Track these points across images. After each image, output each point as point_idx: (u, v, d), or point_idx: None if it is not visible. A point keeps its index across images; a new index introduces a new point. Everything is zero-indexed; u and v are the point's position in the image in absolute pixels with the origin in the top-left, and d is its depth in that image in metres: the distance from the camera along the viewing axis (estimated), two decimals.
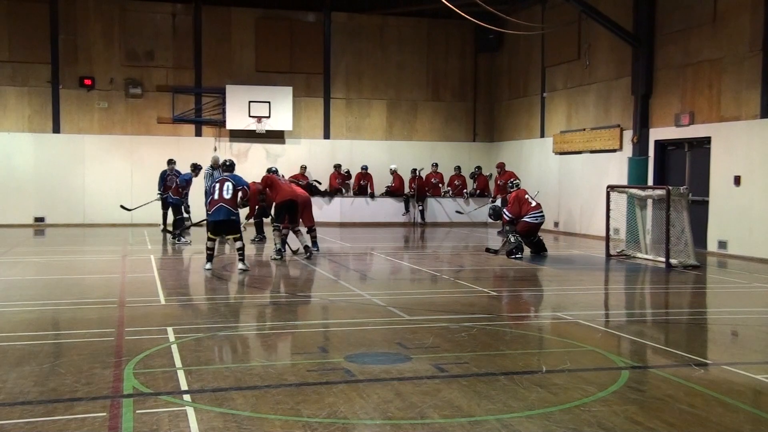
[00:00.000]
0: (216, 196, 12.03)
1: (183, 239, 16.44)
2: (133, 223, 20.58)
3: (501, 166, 21.77)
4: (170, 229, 17.28)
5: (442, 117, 24.86)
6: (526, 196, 15.06)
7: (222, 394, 5.45)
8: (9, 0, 21.07)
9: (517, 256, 14.31)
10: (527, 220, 14.66)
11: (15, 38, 21.14)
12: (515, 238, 14.52)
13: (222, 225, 12.09)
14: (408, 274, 12.84)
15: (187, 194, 17.33)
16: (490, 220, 18.24)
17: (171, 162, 18.64)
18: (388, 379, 5.87)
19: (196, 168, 17.74)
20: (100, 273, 12.56)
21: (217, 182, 12.31)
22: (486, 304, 9.63)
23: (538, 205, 14.95)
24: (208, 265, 12.14)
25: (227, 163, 13.01)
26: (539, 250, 14.89)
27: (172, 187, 17.52)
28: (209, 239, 12.24)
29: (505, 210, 15.17)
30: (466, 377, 5.95)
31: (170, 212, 17.79)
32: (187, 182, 17.36)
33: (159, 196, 18.50)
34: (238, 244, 12.11)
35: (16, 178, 21.19)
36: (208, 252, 12.20)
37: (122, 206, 19.03)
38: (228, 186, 12.07)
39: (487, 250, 15.61)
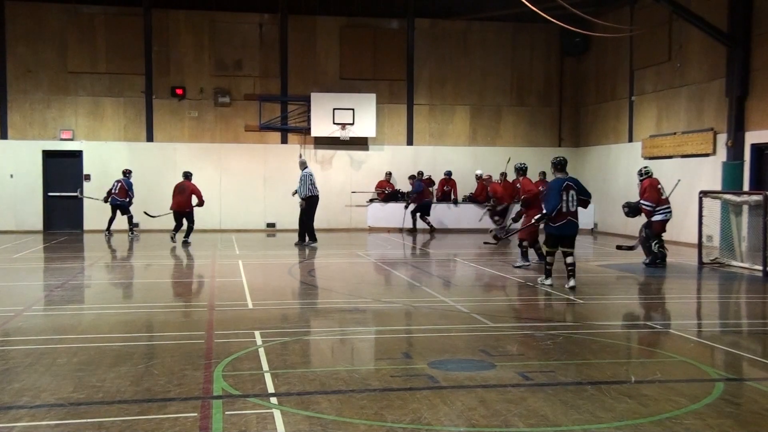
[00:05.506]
0: (564, 209, 10.83)
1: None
2: (221, 229, 21.10)
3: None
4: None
5: (527, 122, 24.54)
6: (659, 186, 13.97)
7: (307, 398, 5.53)
8: (106, 15, 22.02)
9: (661, 265, 13.77)
10: (658, 218, 13.76)
11: (111, 51, 22.04)
12: (657, 247, 13.82)
13: (567, 239, 11.06)
14: (491, 281, 12.71)
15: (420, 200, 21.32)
16: (627, 219, 16.43)
17: (126, 172, 19.89)
18: (473, 386, 5.83)
19: (420, 175, 22.15)
20: (191, 277, 12.94)
21: (563, 191, 10.88)
22: (572, 311, 9.45)
23: (667, 200, 14.01)
24: (549, 281, 11.30)
25: (559, 161, 11.24)
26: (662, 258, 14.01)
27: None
28: (548, 253, 11.31)
29: (642, 201, 13.89)
30: (551, 386, 5.86)
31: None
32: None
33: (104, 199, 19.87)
34: (569, 259, 10.99)
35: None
36: (548, 267, 11.36)
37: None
38: (572, 195, 10.87)
39: (618, 247, 15.18)
